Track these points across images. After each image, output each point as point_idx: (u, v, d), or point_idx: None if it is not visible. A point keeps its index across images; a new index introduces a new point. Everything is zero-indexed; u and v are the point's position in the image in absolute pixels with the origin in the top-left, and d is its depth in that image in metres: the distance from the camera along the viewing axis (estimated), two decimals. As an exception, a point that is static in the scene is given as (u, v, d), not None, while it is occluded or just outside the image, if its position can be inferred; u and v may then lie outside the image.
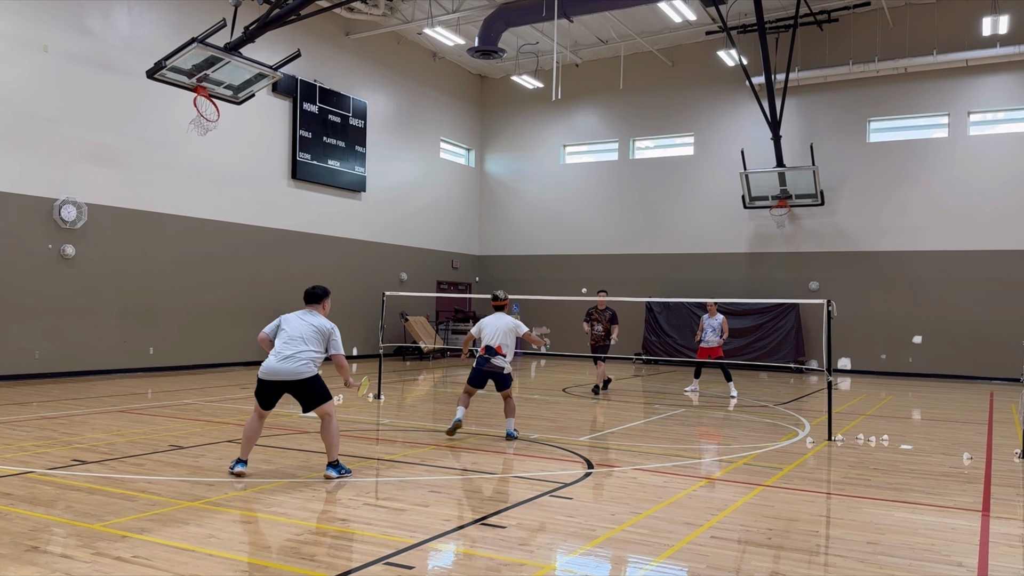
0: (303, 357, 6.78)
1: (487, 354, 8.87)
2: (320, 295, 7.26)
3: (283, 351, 6.81)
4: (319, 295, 7.25)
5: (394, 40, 23.13)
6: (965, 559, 5.00)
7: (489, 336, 8.98)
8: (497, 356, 8.88)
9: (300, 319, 7.01)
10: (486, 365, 8.90)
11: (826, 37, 21.45)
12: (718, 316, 14.62)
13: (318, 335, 6.94)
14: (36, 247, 14.78)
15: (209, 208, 17.96)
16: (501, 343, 8.90)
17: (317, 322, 7.00)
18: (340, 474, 6.86)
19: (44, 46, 14.83)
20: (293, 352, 6.78)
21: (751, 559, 4.91)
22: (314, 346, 6.88)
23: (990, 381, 19.20)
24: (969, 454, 8.75)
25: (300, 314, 7.10)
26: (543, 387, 15.80)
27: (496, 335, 8.98)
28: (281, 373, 6.77)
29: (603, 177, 25.21)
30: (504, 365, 8.91)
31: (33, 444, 8.30)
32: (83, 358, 15.48)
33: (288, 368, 6.75)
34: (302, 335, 6.87)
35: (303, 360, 6.77)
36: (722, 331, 14.51)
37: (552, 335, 24.93)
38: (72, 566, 4.50)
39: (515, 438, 9.11)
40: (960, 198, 20.29)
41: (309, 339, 6.87)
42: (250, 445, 7.05)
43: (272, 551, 4.91)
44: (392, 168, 23.30)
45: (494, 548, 5.01)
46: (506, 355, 8.91)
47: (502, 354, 8.90)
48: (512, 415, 9.19)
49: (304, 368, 6.77)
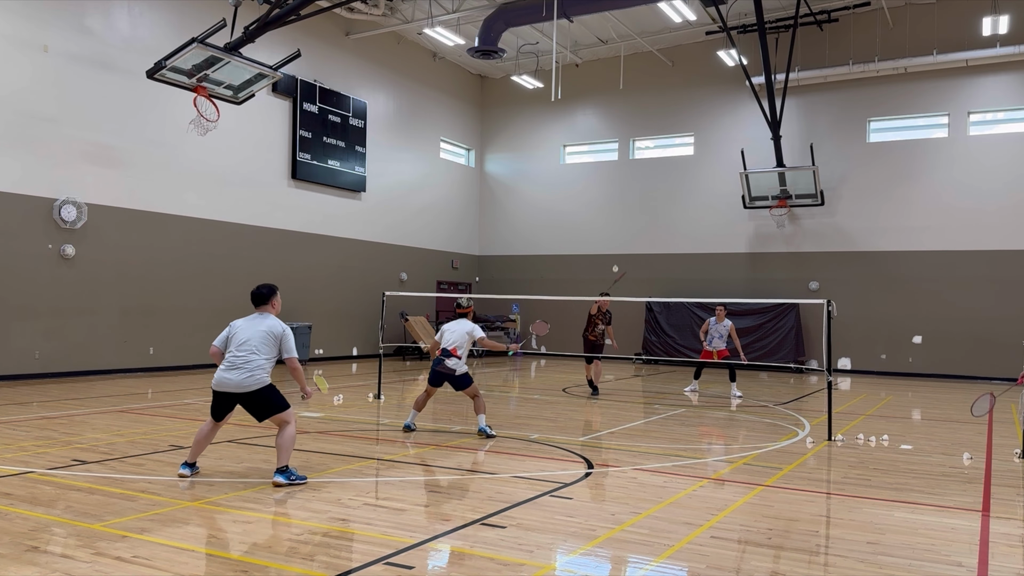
0: (252, 367, 6.56)
1: (442, 355, 9.29)
2: (266, 294, 6.95)
3: (232, 361, 6.60)
4: (265, 295, 6.95)
5: (394, 40, 23.14)
6: (965, 559, 5.00)
7: (446, 340, 9.40)
8: (451, 358, 9.22)
9: (250, 324, 6.77)
10: (439, 366, 9.29)
11: (826, 37, 21.45)
12: (726, 322, 14.27)
13: (269, 339, 6.68)
14: (36, 247, 14.78)
15: (209, 208, 17.96)
16: (456, 346, 9.28)
17: (267, 325, 6.75)
18: (290, 481, 6.53)
19: (44, 46, 14.84)
20: (243, 362, 6.57)
21: (751, 559, 4.91)
22: (265, 353, 6.64)
23: (990, 381, 19.19)
24: (969, 454, 8.76)
25: (250, 319, 6.84)
26: (543, 387, 15.80)
27: (452, 339, 9.37)
28: (230, 384, 6.57)
29: (603, 177, 25.21)
30: (456, 367, 9.21)
31: (33, 444, 8.30)
32: (83, 358, 15.48)
33: (237, 379, 6.55)
34: (251, 341, 6.63)
35: (251, 370, 6.55)
36: (730, 338, 14.18)
37: (552, 335, 24.80)
38: (72, 566, 4.50)
39: (488, 435, 9.20)
40: (960, 198, 20.29)
41: (259, 346, 6.62)
42: (199, 449, 6.86)
43: (272, 551, 4.91)
44: (392, 168, 23.30)
45: (494, 548, 5.01)
46: (460, 357, 9.25)
47: (456, 356, 9.23)
48: (481, 412, 9.40)
49: (253, 380, 6.55)
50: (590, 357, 14.29)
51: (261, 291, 6.97)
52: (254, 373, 6.57)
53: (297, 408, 11.38)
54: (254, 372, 6.57)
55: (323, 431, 9.45)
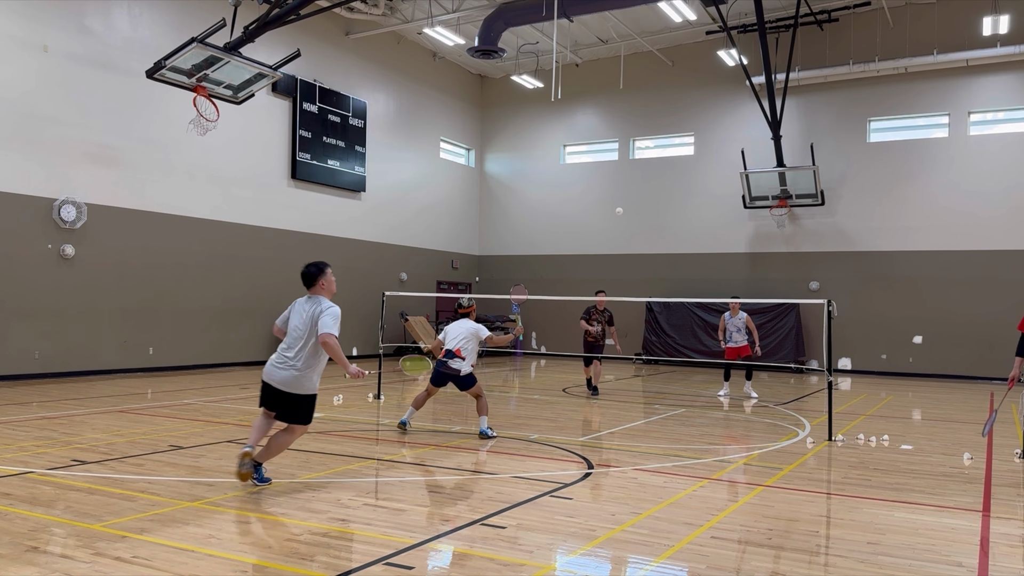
0: (295, 366, 6.28)
1: (445, 356, 9.23)
2: (314, 274, 6.44)
3: (278, 355, 6.38)
4: (312, 274, 6.45)
5: (394, 40, 23.13)
6: (965, 559, 4.99)
7: (450, 340, 9.34)
8: (455, 359, 9.16)
9: (301, 309, 6.41)
10: (443, 367, 9.23)
11: (826, 37, 21.45)
12: (741, 315, 13.98)
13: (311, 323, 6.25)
14: (36, 247, 14.78)
15: (209, 208, 17.96)
16: (460, 347, 9.20)
17: (313, 310, 6.31)
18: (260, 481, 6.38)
19: (44, 46, 14.83)
20: (286, 358, 6.32)
21: (751, 559, 4.90)
22: (309, 347, 6.27)
23: (990, 381, 19.19)
24: (969, 454, 8.75)
25: (302, 303, 6.46)
26: (543, 387, 15.80)
27: (456, 339, 9.31)
28: (273, 380, 6.37)
29: (603, 177, 25.21)
30: (461, 367, 9.15)
31: (33, 444, 8.30)
32: (83, 358, 15.48)
33: (279, 377, 6.34)
34: (298, 333, 6.33)
35: (293, 371, 6.28)
36: (749, 330, 13.90)
37: (552, 335, 24.93)
38: (72, 566, 4.49)
39: (489, 436, 9.13)
40: (960, 198, 20.28)
41: (305, 338, 6.29)
42: (258, 435, 6.55)
43: (272, 551, 4.90)
44: (392, 168, 23.30)
45: (494, 548, 5.00)
46: (465, 358, 9.18)
47: (460, 357, 9.17)
48: (483, 413, 9.33)
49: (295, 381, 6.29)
50: (588, 358, 14.21)
51: (309, 270, 6.45)
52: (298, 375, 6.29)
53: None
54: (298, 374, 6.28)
55: (323, 431, 9.44)
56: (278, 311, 6.97)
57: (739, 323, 13.93)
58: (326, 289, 6.50)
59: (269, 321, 7.12)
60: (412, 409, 9.61)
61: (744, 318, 13.93)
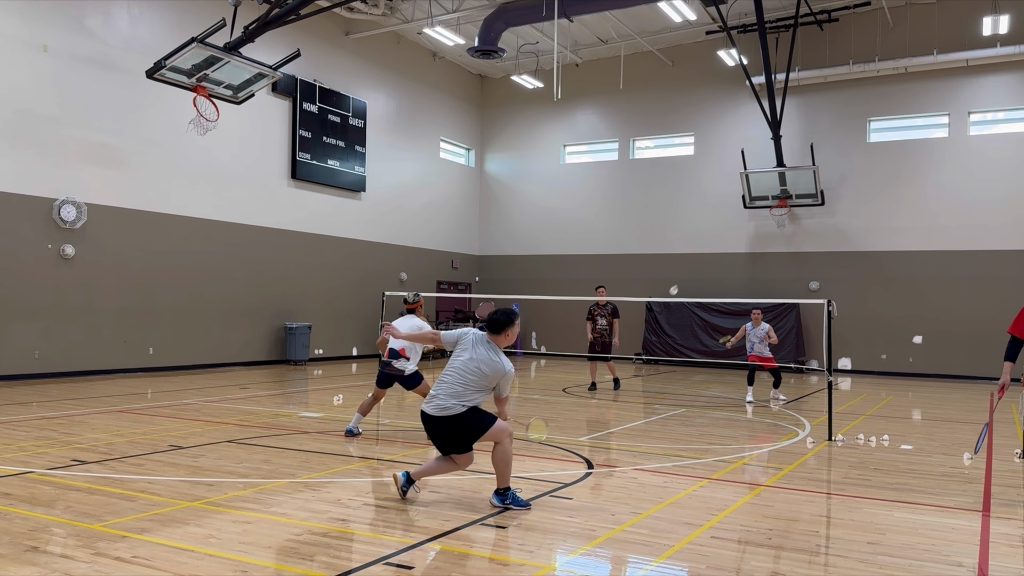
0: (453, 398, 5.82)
1: (390, 357, 8.89)
2: (503, 322, 5.95)
3: (440, 389, 5.90)
4: (501, 322, 5.94)
5: (394, 40, 23.13)
6: (965, 559, 4.99)
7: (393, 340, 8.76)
8: (399, 359, 8.85)
9: (479, 349, 5.94)
10: (387, 368, 8.91)
11: (826, 37, 21.45)
12: (763, 325, 13.43)
13: (491, 374, 5.84)
14: (36, 247, 14.78)
15: (209, 208, 17.95)
16: (404, 346, 8.87)
17: (492, 359, 5.87)
18: (504, 504, 5.98)
19: (44, 46, 14.83)
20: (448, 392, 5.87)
21: (751, 559, 4.90)
22: (473, 394, 5.84)
23: (990, 381, 19.18)
24: (969, 454, 8.75)
25: (481, 342, 5.99)
26: (543, 387, 15.79)
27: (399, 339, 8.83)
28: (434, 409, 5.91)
29: (603, 177, 25.20)
30: (405, 367, 8.83)
31: (33, 444, 8.30)
32: (83, 358, 15.48)
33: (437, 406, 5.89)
34: (464, 379, 5.85)
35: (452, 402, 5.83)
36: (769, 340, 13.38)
37: (552, 335, 24.93)
38: (72, 566, 4.49)
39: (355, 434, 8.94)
40: (960, 198, 20.28)
41: (479, 381, 5.84)
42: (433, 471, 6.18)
43: (272, 551, 4.90)
44: (392, 168, 23.30)
45: (494, 548, 5.00)
46: (409, 358, 8.85)
47: (405, 356, 8.86)
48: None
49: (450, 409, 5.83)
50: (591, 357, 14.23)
51: (497, 318, 6.00)
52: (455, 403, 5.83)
53: (299, 408, 11.37)
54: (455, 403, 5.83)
55: (323, 431, 9.44)
56: (278, 311, 6.92)
57: (761, 333, 13.42)
58: (509, 339, 6.11)
59: (269, 321, 7.04)
60: (358, 415, 9.19)
61: (766, 329, 13.41)
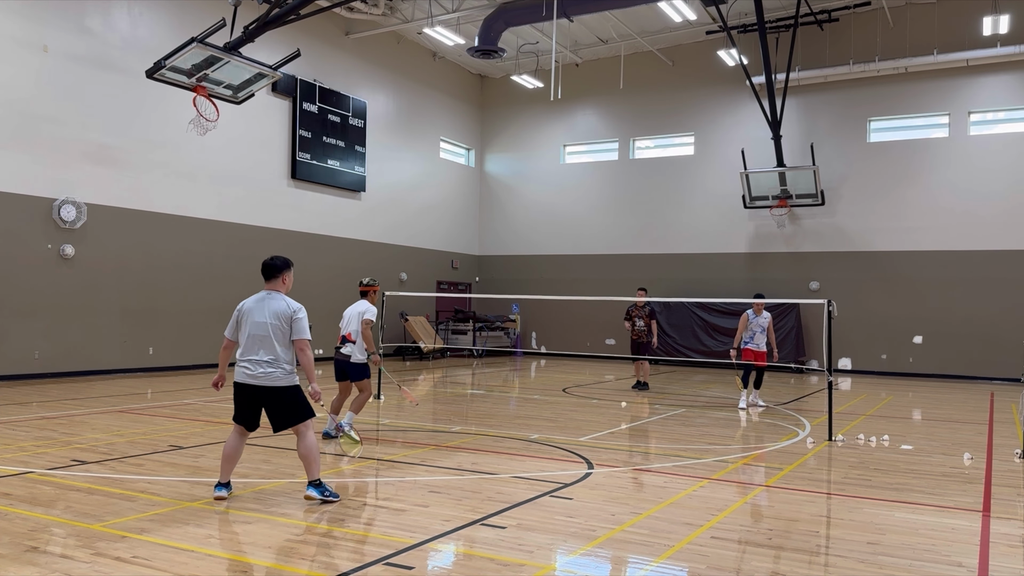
0: (268, 365, 5.90)
1: (340, 343, 8.48)
2: (280, 267, 6.14)
3: (248, 364, 5.93)
4: (278, 267, 6.13)
5: (394, 40, 23.13)
6: (965, 559, 4.99)
7: (344, 324, 8.56)
8: (346, 344, 8.40)
9: (259, 305, 6.03)
10: (337, 354, 8.47)
11: (826, 37, 21.44)
12: (765, 315, 12.96)
13: (281, 323, 5.94)
14: (36, 247, 14.78)
15: (209, 208, 17.95)
16: (351, 330, 8.42)
17: (279, 306, 5.97)
18: (324, 497, 6.00)
19: (44, 46, 14.83)
20: (257, 358, 5.93)
21: (751, 559, 4.90)
22: (279, 340, 5.92)
23: (990, 381, 19.19)
24: (969, 454, 8.75)
25: (258, 299, 6.08)
26: (543, 387, 15.79)
27: (348, 323, 8.49)
28: (250, 378, 5.94)
29: (603, 177, 25.20)
30: (352, 352, 8.34)
31: (33, 444, 8.30)
32: (83, 358, 15.47)
33: (254, 374, 5.93)
34: (263, 332, 5.93)
35: (269, 369, 5.91)
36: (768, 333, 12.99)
37: (552, 335, 24.95)
38: (72, 566, 4.49)
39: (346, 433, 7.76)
40: (960, 198, 20.28)
41: (273, 337, 5.92)
42: (230, 467, 6.14)
43: (272, 551, 4.90)
44: (392, 168, 23.29)
45: (494, 548, 5.00)
46: (355, 341, 8.36)
47: (351, 340, 8.39)
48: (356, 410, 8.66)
49: (267, 378, 5.91)
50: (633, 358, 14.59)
51: (275, 262, 6.15)
52: (272, 371, 5.92)
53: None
54: (271, 370, 5.92)
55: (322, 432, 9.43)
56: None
57: (763, 323, 12.91)
58: (286, 285, 6.21)
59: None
60: (331, 416, 8.82)
61: (768, 319, 13.01)
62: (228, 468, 6.12)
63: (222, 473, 6.13)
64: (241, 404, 6.06)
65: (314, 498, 6.00)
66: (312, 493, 6.01)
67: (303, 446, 6.05)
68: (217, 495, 6.01)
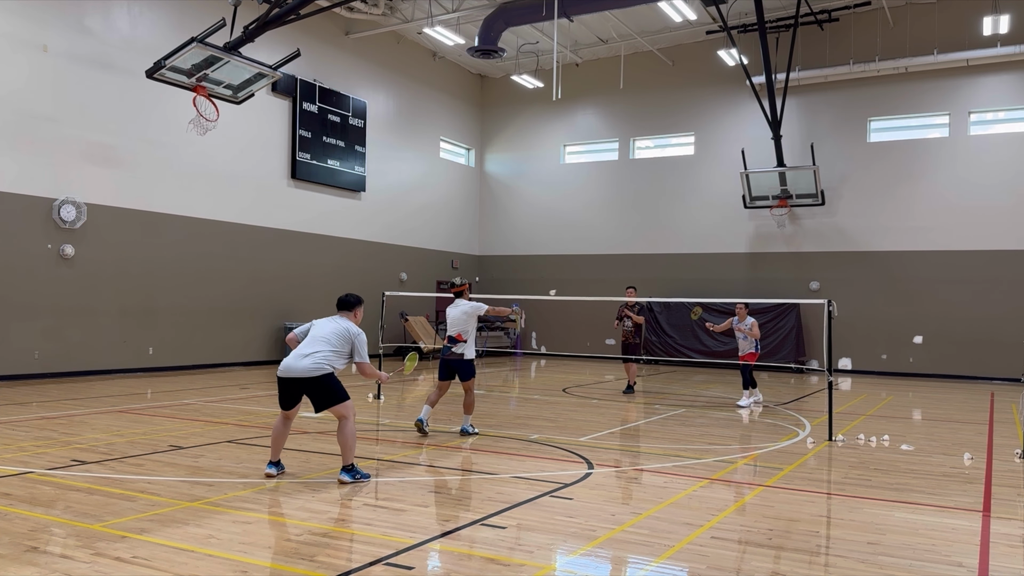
0: (319, 356, 6.74)
1: (449, 343, 9.03)
2: (352, 303, 7.29)
3: (302, 350, 6.83)
4: (351, 303, 7.28)
5: (394, 40, 23.13)
6: (965, 559, 4.99)
7: (449, 326, 9.16)
8: (457, 344, 8.99)
9: (329, 321, 7.07)
10: (447, 354, 9.05)
11: (826, 37, 21.44)
12: (748, 319, 13.08)
13: (342, 338, 6.91)
14: (36, 247, 14.78)
15: (209, 208, 17.95)
16: (460, 331, 9.02)
17: (344, 325, 7.02)
18: (355, 479, 6.72)
19: (44, 46, 14.83)
20: (311, 352, 6.77)
21: (751, 559, 4.90)
22: (335, 347, 6.85)
23: (990, 381, 19.18)
24: (970, 454, 8.74)
25: (331, 318, 7.14)
26: (543, 387, 15.79)
27: (454, 325, 9.11)
28: (294, 371, 6.73)
29: (603, 177, 25.20)
30: (464, 350, 8.97)
31: (33, 444, 8.30)
32: (83, 358, 15.47)
33: (301, 366, 6.71)
34: (325, 336, 6.89)
35: (318, 359, 6.73)
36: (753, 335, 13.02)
37: (552, 335, 24.94)
38: (72, 566, 4.49)
39: (469, 434, 9.14)
40: (960, 198, 20.27)
41: (332, 340, 6.86)
42: (279, 444, 7.00)
43: (272, 551, 4.90)
44: (392, 168, 23.29)
45: (494, 548, 5.00)
46: (466, 341, 9.00)
47: (461, 340, 9.00)
48: (469, 412, 9.28)
49: (316, 366, 6.70)
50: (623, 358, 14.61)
51: (348, 299, 7.29)
52: (321, 362, 6.71)
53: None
54: (321, 362, 6.71)
55: (323, 431, 9.44)
56: (278, 311, 7.07)
57: (746, 328, 13.14)
58: (358, 318, 7.27)
59: (269, 321, 7.22)
60: (427, 407, 9.29)
61: (751, 323, 13.09)
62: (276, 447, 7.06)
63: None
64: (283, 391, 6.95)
65: (346, 482, 6.67)
66: (345, 478, 6.71)
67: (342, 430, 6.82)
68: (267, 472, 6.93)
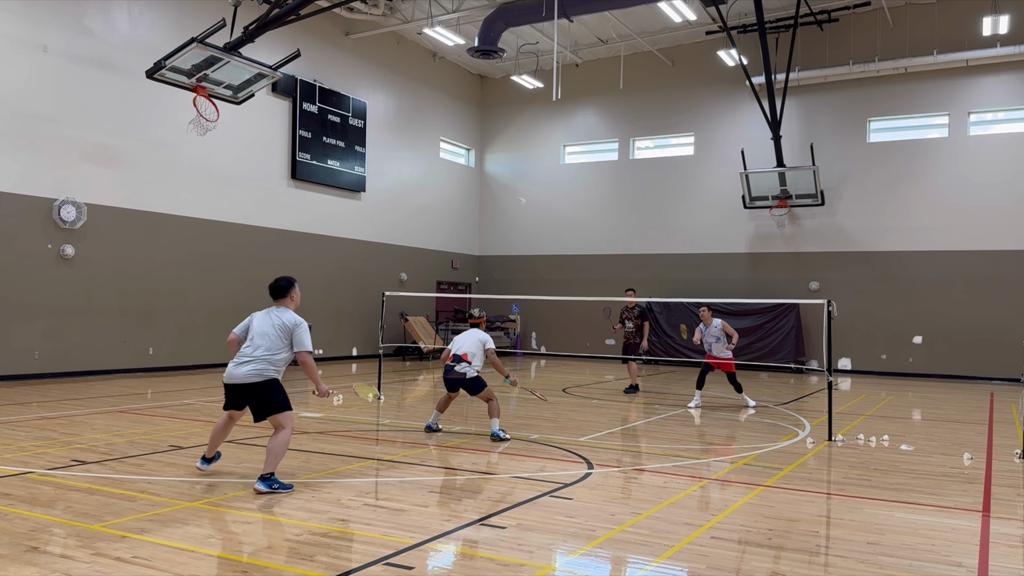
0: (259, 362, 6.44)
1: (452, 362, 9.32)
2: (284, 287, 6.81)
3: (243, 353, 6.51)
4: (282, 287, 6.80)
5: (394, 40, 23.13)
6: (965, 559, 4.99)
7: (457, 346, 9.49)
8: (461, 363, 9.25)
9: (265, 317, 6.66)
10: (450, 373, 9.32)
11: (826, 37, 21.45)
12: (715, 322, 12.76)
13: (280, 332, 6.54)
14: (36, 247, 14.78)
15: (209, 208, 17.95)
16: (467, 351, 9.34)
17: (281, 318, 6.60)
18: (272, 490, 6.27)
19: (44, 46, 14.83)
20: (250, 355, 6.46)
21: (751, 559, 4.90)
22: (273, 343, 6.49)
23: (990, 381, 19.19)
24: (969, 454, 8.75)
25: (267, 312, 6.73)
26: (543, 387, 15.78)
27: (465, 346, 9.45)
28: (235, 377, 6.47)
29: (603, 177, 25.20)
30: (467, 370, 9.22)
31: (33, 444, 8.30)
32: (83, 358, 15.47)
33: (240, 373, 6.44)
34: (264, 332, 6.53)
35: (257, 366, 6.43)
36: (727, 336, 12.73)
37: (552, 335, 24.96)
38: (72, 566, 4.49)
39: (500, 439, 9.02)
40: (960, 198, 20.28)
41: (270, 335, 6.50)
42: (215, 443, 6.86)
43: (272, 551, 4.90)
44: (392, 168, 23.29)
45: (494, 548, 5.00)
46: (471, 362, 9.28)
47: (467, 360, 9.27)
48: (494, 415, 9.32)
49: (254, 372, 6.41)
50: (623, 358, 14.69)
51: (279, 283, 6.83)
52: (258, 369, 6.42)
53: (299, 408, 11.37)
54: (258, 368, 6.42)
55: (323, 431, 9.44)
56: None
57: (716, 332, 12.71)
58: (294, 301, 6.84)
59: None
60: (436, 412, 9.71)
61: (719, 324, 12.70)
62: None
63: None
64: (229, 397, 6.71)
65: (263, 492, 6.27)
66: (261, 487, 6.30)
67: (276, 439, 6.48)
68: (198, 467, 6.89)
